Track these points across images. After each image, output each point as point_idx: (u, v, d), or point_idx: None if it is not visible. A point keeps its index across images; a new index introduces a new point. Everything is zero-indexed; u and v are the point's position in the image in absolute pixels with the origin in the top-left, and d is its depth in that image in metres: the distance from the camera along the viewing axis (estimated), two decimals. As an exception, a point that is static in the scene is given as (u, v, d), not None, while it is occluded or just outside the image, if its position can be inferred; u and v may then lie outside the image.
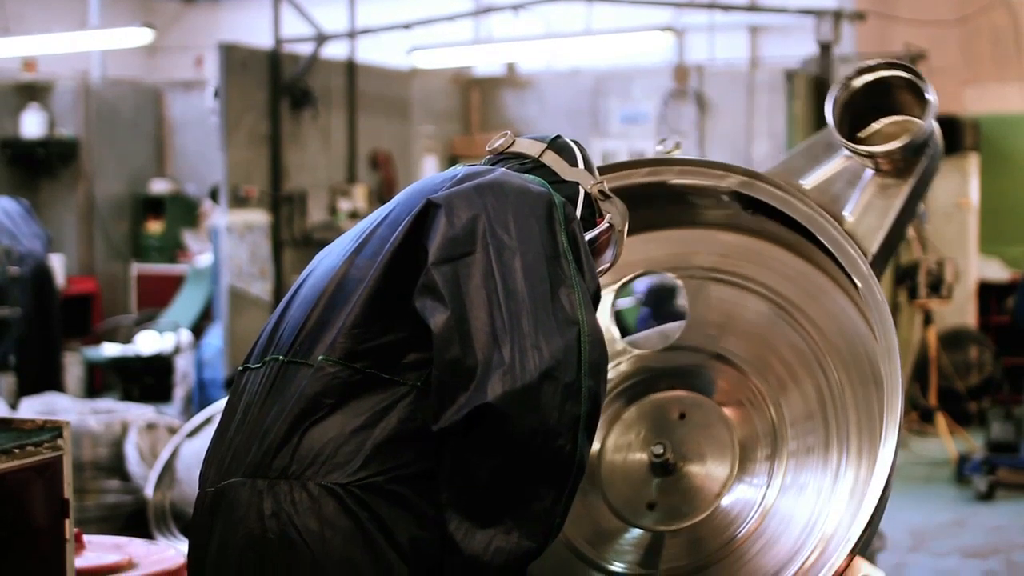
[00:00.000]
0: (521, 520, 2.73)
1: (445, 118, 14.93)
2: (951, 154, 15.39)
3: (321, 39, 12.46)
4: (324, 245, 3.15)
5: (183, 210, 15.38)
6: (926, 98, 3.49)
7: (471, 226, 2.80)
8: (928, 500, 10.62)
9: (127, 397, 12.30)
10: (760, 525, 3.50)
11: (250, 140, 11.65)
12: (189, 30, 17.74)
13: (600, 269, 3.17)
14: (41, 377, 10.78)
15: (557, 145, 3.17)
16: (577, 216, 3.01)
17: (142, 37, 13.62)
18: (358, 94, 13.09)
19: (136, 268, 15.01)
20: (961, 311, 14.75)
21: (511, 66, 15.58)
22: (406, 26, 12.73)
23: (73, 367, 12.63)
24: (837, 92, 3.57)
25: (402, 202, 2.97)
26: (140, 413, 8.85)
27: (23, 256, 10.80)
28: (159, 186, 15.43)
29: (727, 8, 13.56)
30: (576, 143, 3.21)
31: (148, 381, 12.78)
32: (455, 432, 2.69)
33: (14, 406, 9.23)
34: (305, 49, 12.52)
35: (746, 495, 3.55)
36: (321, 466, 2.75)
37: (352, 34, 13.11)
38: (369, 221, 3.01)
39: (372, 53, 14.07)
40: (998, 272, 15.60)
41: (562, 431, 2.70)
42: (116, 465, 8.39)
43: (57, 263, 12.06)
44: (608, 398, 3.73)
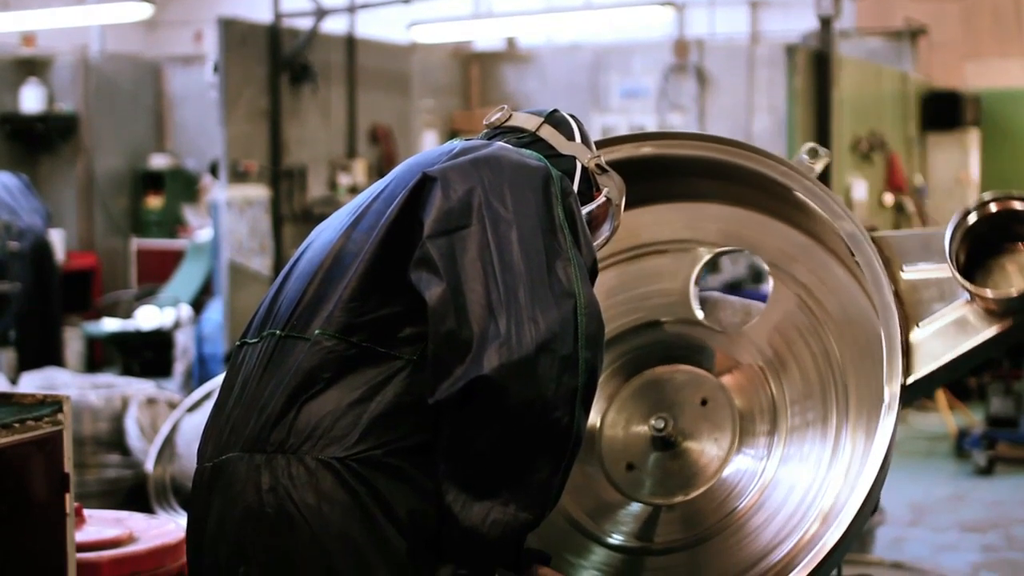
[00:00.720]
0: (518, 492, 2.73)
1: (445, 93, 14.91)
2: (951, 128, 15.38)
3: (321, 14, 12.43)
4: (324, 220, 3.15)
5: (183, 185, 15.37)
6: None
7: (467, 199, 2.80)
8: (927, 475, 10.63)
9: (127, 372, 12.30)
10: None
11: (250, 115, 11.63)
12: (188, 5, 17.72)
13: (597, 243, 3.17)
14: (41, 352, 10.79)
15: (554, 119, 3.17)
16: (574, 190, 3.01)
17: (141, 12, 13.61)
18: (358, 69, 13.07)
19: (136, 243, 15.00)
20: (961, 286, 14.74)
21: (511, 40, 15.56)
22: (406, 0, 12.71)
23: (73, 342, 12.64)
24: (958, 219, 3.38)
25: (398, 176, 2.97)
26: (140, 388, 8.84)
27: (23, 231, 10.79)
28: (159, 161, 15.41)
29: (727, -18, 13.53)
30: (573, 117, 3.21)
31: (148, 356, 12.79)
32: (452, 405, 2.70)
33: (14, 381, 9.23)
34: (305, 24, 12.49)
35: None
36: (318, 440, 2.75)
37: (352, 8, 13.08)
38: (365, 195, 3.02)
39: (372, 28, 14.04)
40: (998, 247, 15.58)
41: (559, 403, 2.70)
42: (116, 440, 8.39)
43: (57, 238, 12.05)
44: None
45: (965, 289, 3.31)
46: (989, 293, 3.30)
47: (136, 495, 8.17)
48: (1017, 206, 3.35)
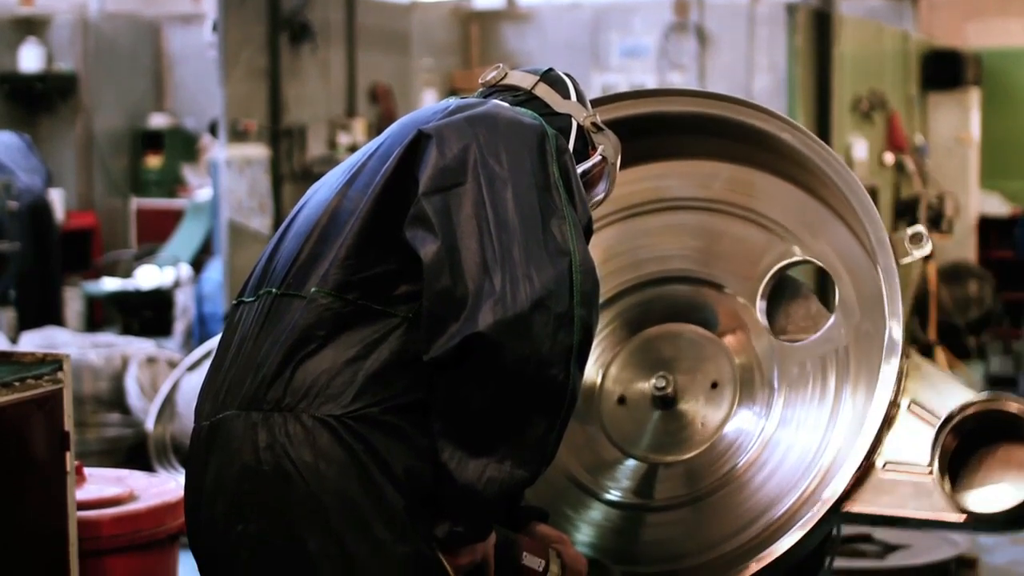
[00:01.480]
0: (514, 449, 2.74)
1: (444, 52, 14.86)
2: (952, 88, 15.35)
3: (320, -28, 12.38)
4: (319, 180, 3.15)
5: (182, 144, 15.32)
6: None
7: (462, 156, 2.80)
8: (927, 434, 10.63)
9: (127, 331, 12.30)
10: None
11: (249, 74, 11.59)
12: (187, -37, 17.64)
13: (593, 201, 3.18)
14: (41, 311, 10.79)
15: (550, 78, 3.17)
16: (569, 148, 3.01)
17: (140, -30, 13.54)
18: (357, 27, 13.02)
19: (135, 202, 14.97)
20: (961, 246, 14.75)
21: (511, -1, 15.51)
22: (405, -41, 12.66)
23: (73, 301, 12.63)
24: (940, 425, 3.21)
25: (394, 133, 2.97)
26: (140, 347, 8.87)
27: (22, 191, 10.79)
28: (158, 120, 15.37)
29: (728, -60, 13.48)
30: (569, 76, 3.21)
31: (148, 315, 12.78)
32: (447, 362, 2.70)
33: (14, 340, 9.25)
34: (304, -18, 12.43)
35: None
36: (315, 398, 2.75)
37: (351, -33, 13.02)
38: (361, 153, 3.01)
39: (371, -14, 13.99)
40: (998, 207, 15.58)
41: (554, 360, 2.70)
42: (116, 399, 8.42)
43: (56, 198, 12.03)
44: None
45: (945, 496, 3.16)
46: (969, 507, 3.16)
47: (136, 454, 8.20)
48: (1006, 408, 3.21)
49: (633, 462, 3.65)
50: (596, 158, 3.16)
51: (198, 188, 14.33)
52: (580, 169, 3.07)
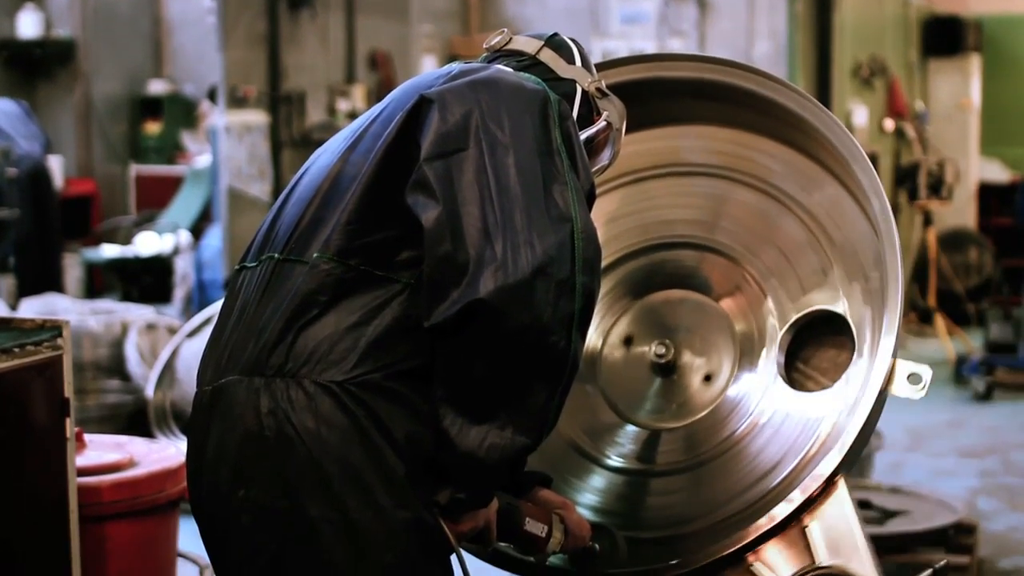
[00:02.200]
0: (515, 416, 2.74)
1: (444, 18, 14.82)
2: (953, 54, 15.32)
3: (319, -63, 12.33)
4: (322, 146, 3.14)
5: (181, 111, 15.31)
6: None
7: (464, 122, 2.79)
8: (926, 400, 10.58)
9: (127, 298, 12.31)
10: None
11: (248, 40, 11.56)
12: (186, -73, 17.58)
13: (598, 167, 3.17)
14: (40, 278, 10.79)
15: (554, 43, 3.16)
16: (572, 114, 3.00)
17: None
18: (357, -7, 12.99)
19: (134, 169, 14.96)
20: (961, 212, 14.75)
21: (511, -35, 15.46)
22: (404, -76, 12.60)
23: (72, 268, 12.63)
24: None
25: (396, 98, 2.96)
26: (140, 314, 8.86)
27: (21, 157, 10.78)
28: (157, 87, 15.34)
29: (729, -94, 13.42)
30: (574, 41, 3.19)
31: (147, 282, 12.79)
32: (447, 329, 2.69)
33: (14, 307, 9.24)
34: (303, -53, 12.39)
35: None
36: (316, 364, 2.75)
37: (350, -68, 12.98)
38: (363, 118, 3.00)
39: (370, -48, 13.94)
40: (999, 173, 15.58)
41: (556, 327, 2.70)
42: (116, 365, 8.41)
43: (55, 164, 12.01)
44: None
45: None
46: None
47: (136, 421, 8.20)
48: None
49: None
50: (601, 123, 3.14)
51: (197, 154, 14.31)
52: (585, 135, 3.06)
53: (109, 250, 13.08)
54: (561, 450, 3.65)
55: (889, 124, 14.14)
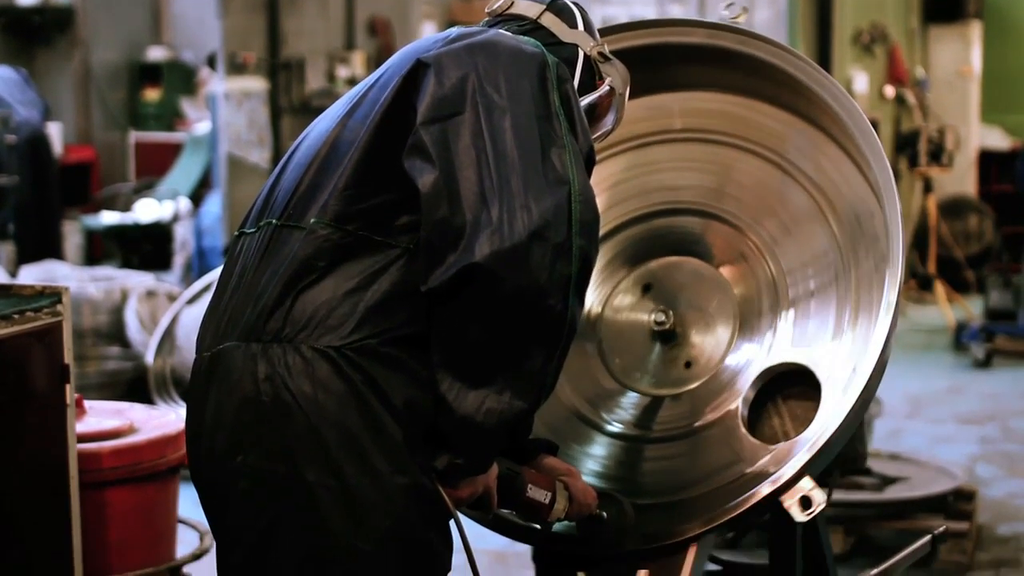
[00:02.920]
0: (513, 381, 2.73)
1: (444, -16, 14.79)
2: (953, 21, 15.29)
3: (319, -98, 12.29)
4: (322, 112, 3.13)
5: (180, 78, 15.28)
6: None
7: (461, 86, 2.78)
8: (925, 367, 10.67)
9: (126, 265, 12.30)
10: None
11: (247, 6, 11.53)
12: None
13: (601, 132, 3.16)
14: (40, 245, 10.78)
15: (556, 6, 3.14)
16: (572, 78, 2.99)
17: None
18: (356, -41, 12.95)
19: (134, 136, 14.93)
20: (961, 179, 14.74)
21: (511, -70, 15.38)
22: None
23: (72, 235, 12.62)
24: None
25: (394, 64, 2.95)
26: (140, 280, 8.86)
27: (20, 124, 10.76)
28: (156, 53, 15.31)
29: None
30: (576, 5, 3.17)
31: (147, 249, 12.79)
32: (444, 292, 2.69)
33: (13, 274, 9.25)
34: (303, -89, 12.35)
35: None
36: (314, 329, 2.75)
37: None
38: (362, 85, 3.00)
39: (369, -84, 13.89)
40: (999, 141, 15.56)
41: (552, 291, 2.69)
42: (116, 332, 8.42)
43: (54, 131, 12.00)
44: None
45: None
46: None
47: (136, 387, 8.21)
48: None
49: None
50: (604, 88, 3.13)
51: (196, 121, 14.30)
52: (587, 100, 3.05)
53: (108, 217, 13.08)
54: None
55: (889, 91, 14.11)
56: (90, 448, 4.04)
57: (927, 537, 3.88)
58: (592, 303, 3.71)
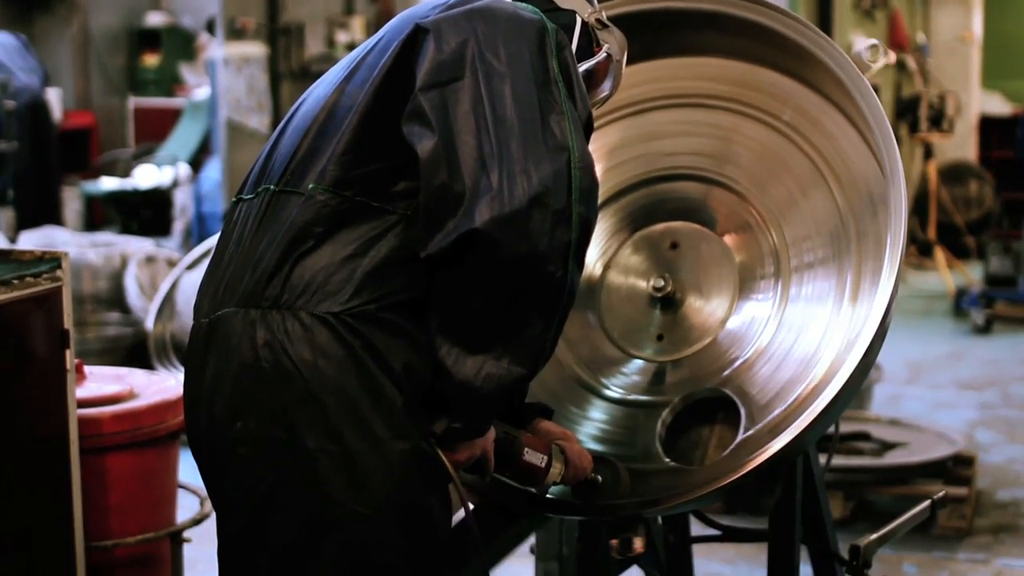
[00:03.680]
0: (512, 346, 2.73)
1: (443, -51, 14.73)
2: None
3: None
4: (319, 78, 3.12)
5: (179, 43, 15.26)
6: None
7: (460, 51, 2.77)
8: (925, 333, 10.69)
9: (126, 230, 12.32)
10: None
11: (246, -29, 11.51)
12: None
13: (598, 99, 3.15)
14: (39, 211, 10.80)
15: (554, -28, 3.12)
16: (571, 44, 2.98)
17: None
18: (356, -77, 12.91)
19: (133, 102, 14.92)
20: (962, 145, 14.74)
21: None
22: None
23: (72, 201, 12.63)
24: None
25: (392, 29, 2.94)
26: (139, 246, 8.86)
27: (19, 90, 10.76)
28: (155, 19, 15.29)
29: None
30: None
31: (147, 214, 12.80)
32: (444, 259, 2.68)
33: (13, 240, 9.25)
34: None
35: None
36: (312, 295, 2.74)
37: None
38: (361, 49, 2.98)
39: None
40: (1000, 106, 15.55)
41: (552, 257, 2.69)
42: (116, 298, 8.42)
43: (54, 97, 11.99)
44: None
45: None
46: None
47: (136, 353, 8.22)
48: None
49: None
50: (601, 55, 3.12)
51: (196, 87, 14.28)
52: (584, 67, 3.03)
53: (108, 183, 13.08)
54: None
55: (890, 56, 14.08)
56: (90, 413, 4.04)
57: (926, 502, 3.89)
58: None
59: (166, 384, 4.38)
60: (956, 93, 12.77)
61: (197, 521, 4.34)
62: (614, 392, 3.64)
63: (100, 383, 4.29)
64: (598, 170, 2.85)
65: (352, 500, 2.74)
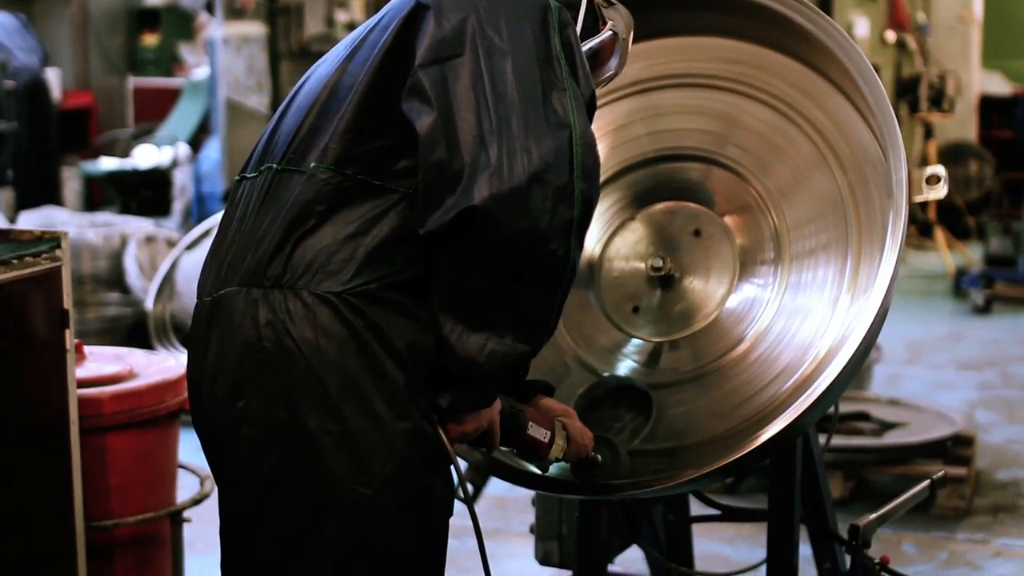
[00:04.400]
0: (514, 323, 2.73)
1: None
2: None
3: None
4: (321, 57, 3.12)
5: (179, 22, 15.22)
6: None
7: (460, 28, 2.76)
8: (925, 313, 10.69)
9: (125, 211, 12.29)
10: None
11: (245, -50, 11.49)
12: None
13: (604, 77, 3.14)
14: (38, 191, 10.79)
15: (559, -51, 3.11)
16: (574, 22, 2.97)
17: None
18: (355, -98, 12.88)
19: (132, 81, 14.89)
20: (962, 125, 14.71)
21: None
22: None
23: (71, 181, 12.61)
24: None
25: (394, 6, 2.92)
26: (139, 226, 8.86)
27: (18, 70, 10.74)
28: (154, -2, 15.26)
29: None
30: None
31: (146, 195, 12.77)
32: (443, 236, 2.68)
33: (12, 220, 9.24)
34: None
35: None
36: (314, 275, 2.74)
37: None
38: (362, 28, 2.97)
39: None
40: (1000, 86, 15.53)
41: (553, 234, 2.68)
42: (116, 278, 8.42)
43: (53, 77, 11.97)
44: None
45: None
46: None
47: (136, 333, 8.22)
48: None
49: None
50: (606, 33, 3.11)
51: (195, 66, 14.25)
52: (589, 45, 3.02)
53: (107, 163, 13.06)
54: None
55: (890, 36, 14.06)
56: (90, 393, 4.04)
57: (926, 482, 3.89)
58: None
59: (166, 364, 4.38)
60: (956, 73, 12.74)
61: (197, 501, 4.34)
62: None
63: (100, 363, 4.29)
64: (601, 149, 2.84)
65: (353, 479, 2.74)
